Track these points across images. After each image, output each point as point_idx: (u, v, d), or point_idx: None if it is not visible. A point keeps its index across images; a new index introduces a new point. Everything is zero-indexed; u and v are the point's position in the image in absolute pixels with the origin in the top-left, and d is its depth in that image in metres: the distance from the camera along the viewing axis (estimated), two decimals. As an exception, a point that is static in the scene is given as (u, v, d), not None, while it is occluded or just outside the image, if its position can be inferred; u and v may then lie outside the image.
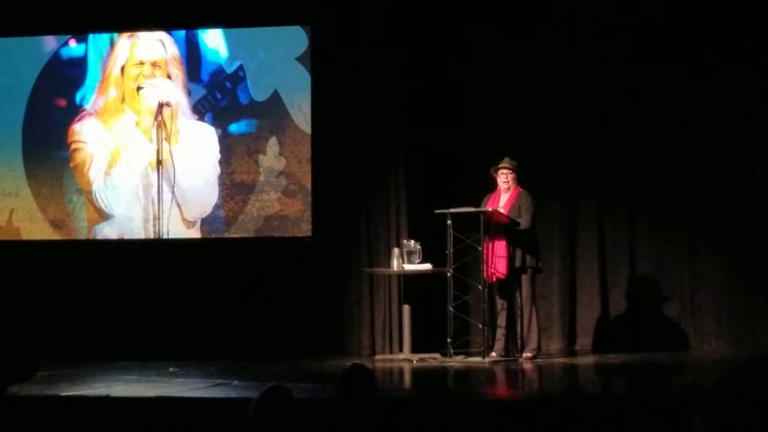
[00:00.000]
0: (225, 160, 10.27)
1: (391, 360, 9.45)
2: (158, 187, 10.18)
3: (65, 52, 10.56)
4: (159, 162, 10.17)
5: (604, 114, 9.90)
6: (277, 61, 10.25)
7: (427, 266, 9.24)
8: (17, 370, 3.37)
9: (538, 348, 9.16)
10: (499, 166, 9.06)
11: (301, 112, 10.16)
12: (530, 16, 10.00)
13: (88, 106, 10.47)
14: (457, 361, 8.89)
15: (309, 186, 10.12)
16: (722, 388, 1.36)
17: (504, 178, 9.05)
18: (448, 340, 8.96)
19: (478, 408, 6.44)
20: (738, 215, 9.58)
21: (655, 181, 9.81)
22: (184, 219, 10.26)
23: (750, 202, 9.55)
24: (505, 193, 9.08)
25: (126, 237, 10.33)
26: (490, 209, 8.91)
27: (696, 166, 9.69)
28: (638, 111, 9.82)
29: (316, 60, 10.14)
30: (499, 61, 10.06)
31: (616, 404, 6.41)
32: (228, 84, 10.32)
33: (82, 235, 10.42)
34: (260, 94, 10.27)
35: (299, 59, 10.19)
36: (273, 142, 10.22)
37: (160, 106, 10.24)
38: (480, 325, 9.03)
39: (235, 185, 10.26)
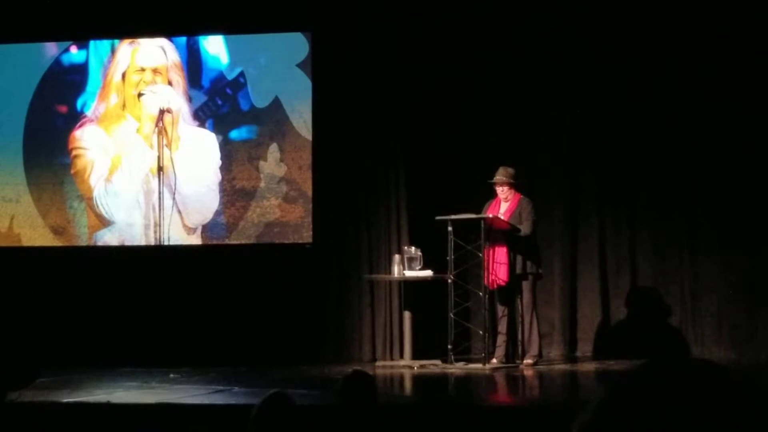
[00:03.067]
0: (226, 167, 10.27)
1: (391, 366, 9.44)
2: (159, 193, 10.18)
3: (66, 59, 10.57)
4: (160, 168, 10.16)
5: (605, 119, 9.90)
6: (277, 67, 10.25)
7: (428, 273, 9.24)
8: (17, 376, 3.37)
9: (539, 354, 9.15)
10: (494, 180, 9.04)
11: (301, 119, 10.17)
12: (532, 22, 10.00)
13: (89, 113, 10.47)
14: (457, 368, 8.88)
15: (310, 192, 10.12)
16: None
17: (501, 190, 9.05)
18: (449, 346, 8.95)
19: (479, 415, 6.44)
20: (738, 222, 9.58)
21: (656, 187, 9.81)
22: (184, 225, 10.26)
23: (751, 209, 9.55)
24: (505, 200, 9.08)
25: (127, 243, 10.33)
26: (490, 216, 8.91)
27: (696, 172, 9.69)
28: (638, 116, 9.82)
29: (317, 66, 10.15)
30: (501, 67, 10.06)
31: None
32: (229, 90, 10.33)
33: (83, 241, 10.41)
34: (261, 101, 10.27)
35: (300, 65, 10.19)
36: (274, 148, 10.22)
37: (161, 112, 10.23)
38: (481, 332, 9.03)
39: (235, 191, 10.26)
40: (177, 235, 10.23)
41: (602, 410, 1.28)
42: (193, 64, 10.38)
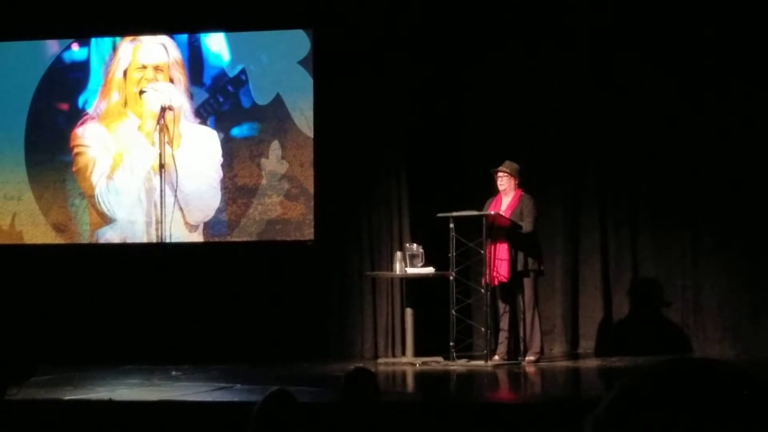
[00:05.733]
0: (227, 164, 10.27)
1: (393, 363, 9.45)
2: (161, 191, 10.18)
3: (68, 56, 10.57)
4: (161, 166, 10.17)
5: (607, 117, 9.89)
6: (279, 64, 10.25)
7: (430, 270, 9.23)
8: (15, 372, 3.37)
9: (541, 351, 9.15)
10: (497, 168, 9.07)
11: (303, 116, 10.16)
12: (534, 20, 9.99)
13: (90, 110, 10.47)
14: (459, 365, 8.89)
15: (311, 189, 10.12)
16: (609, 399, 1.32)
17: (500, 180, 9.06)
18: (451, 343, 8.95)
19: (481, 412, 6.44)
20: (740, 219, 9.58)
21: (658, 184, 9.81)
22: (186, 223, 10.26)
23: (752, 206, 9.54)
24: (506, 196, 9.08)
25: (128, 241, 10.33)
26: (492, 213, 8.91)
27: (697, 169, 9.68)
28: (641, 115, 9.82)
29: (319, 63, 10.15)
30: (503, 64, 10.05)
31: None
32: (230, 88, 10.33)
33: (85, 239, 10.42)
34: (262, 98, 10.27)
35: (302, 63, 10.19)
36: (275, 145, 10.22)
37: (163, 109, 10.24)
38: (482, 329, 9.03)
39: (237, 189, 10.26)
40: (178, 232, 10.24)
41: (615, 407, 1.28)
42: (194, 61, 10.38)
